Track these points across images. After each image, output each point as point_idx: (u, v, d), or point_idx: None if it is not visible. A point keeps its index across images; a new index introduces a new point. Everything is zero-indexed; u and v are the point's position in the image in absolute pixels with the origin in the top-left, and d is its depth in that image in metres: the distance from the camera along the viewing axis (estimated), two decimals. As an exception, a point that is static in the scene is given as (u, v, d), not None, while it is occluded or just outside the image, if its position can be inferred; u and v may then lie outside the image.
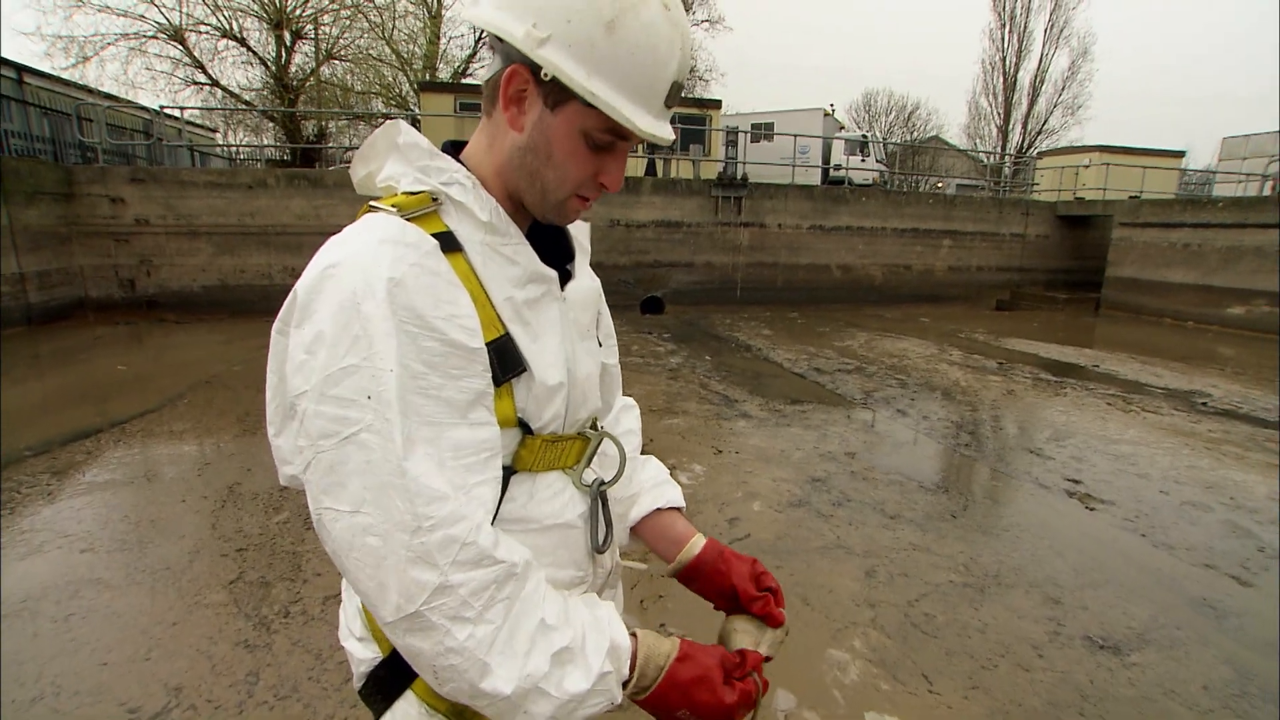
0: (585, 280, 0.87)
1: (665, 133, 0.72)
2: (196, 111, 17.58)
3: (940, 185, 27.44)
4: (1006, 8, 31.67)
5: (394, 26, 17.88)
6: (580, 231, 0.91)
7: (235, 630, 2.51)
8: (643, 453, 1.02)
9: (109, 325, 9.48)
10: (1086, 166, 18.90)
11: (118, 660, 2.33)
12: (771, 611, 0.85)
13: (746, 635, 0.84)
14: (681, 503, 0.98)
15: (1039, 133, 33.00)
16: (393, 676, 0.77)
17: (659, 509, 0.95)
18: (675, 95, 0.71)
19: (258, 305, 10.26)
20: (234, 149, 19.85)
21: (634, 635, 0.75)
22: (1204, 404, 6.31)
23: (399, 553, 0.61)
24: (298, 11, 15.98)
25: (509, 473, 0.75)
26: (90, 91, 13.75)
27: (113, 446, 4.52)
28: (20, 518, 3.46)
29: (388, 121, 0.76)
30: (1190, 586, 3.07)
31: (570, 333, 0.81)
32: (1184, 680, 2.40)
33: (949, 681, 2.31)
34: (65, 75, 13.98)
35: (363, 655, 0.80)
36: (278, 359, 0.71)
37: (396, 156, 0.74)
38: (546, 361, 0.75)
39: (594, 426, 0.87)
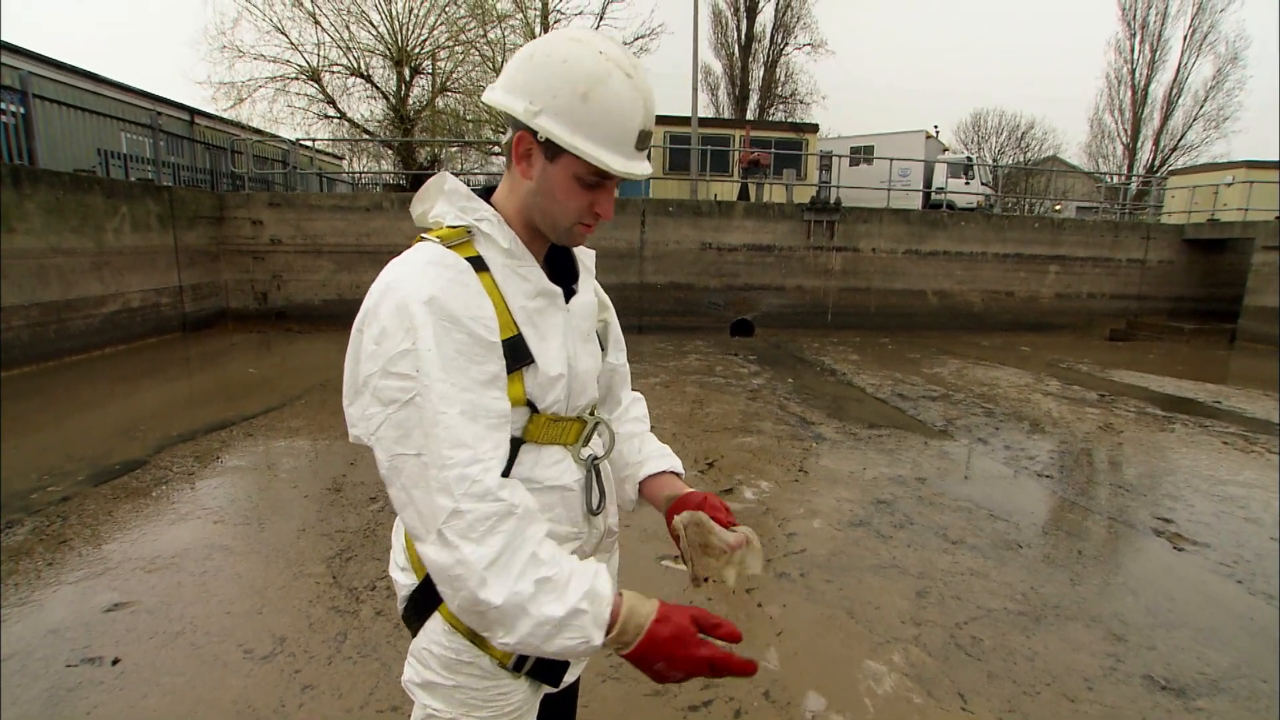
0: (586, 296, 1.08)
1: (640, 170, 0.92)
2: (326, 141, 19.49)
3: (1059, 208, 25.81)
4: (1138, 16, 29.64)
5: (502, 60, 19.08)
6: (586, 256, 1.12)
7: (330, 597, 2.88)
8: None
9: (244, 333, 10.68)
10: (1229, 184, 17.26)
11: (238, 611, 2.76)
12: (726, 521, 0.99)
13: (719, 551, 0.96)
14: (681, 470, 1.18)
15: (1174, 149, 30.46)
16: (425, 598, 0.98)
17: (662, 471, 1.15)
18: (644, 140, 0.92)
19: (370, 318, 11.19)
20: (356, 175, 21.73)
21: (620, 595, 0.86)
22: (1342, 448, 5.70)
23: (432, 484, 0.82)
24: (417, 50, 17.44)
25: (519, 443, 0.96)
26: (242, 127, 15.64)
27: (242, 438, 5.17)
28: (172, 490, 4.08)
29: (438, 173, 1.00)
30: (1288, 639, 2.86)
31: (572, 336, 1.01)
32: (1256, 731, 2.27)
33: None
34: (225, 115, 16.00)
35: (405, 582, 1.02)
36: (354, 349, 0.94)
37: (443, 199, 0.97)
38: (550, 356, 0.96)
39: (592, 413, 1.07)
